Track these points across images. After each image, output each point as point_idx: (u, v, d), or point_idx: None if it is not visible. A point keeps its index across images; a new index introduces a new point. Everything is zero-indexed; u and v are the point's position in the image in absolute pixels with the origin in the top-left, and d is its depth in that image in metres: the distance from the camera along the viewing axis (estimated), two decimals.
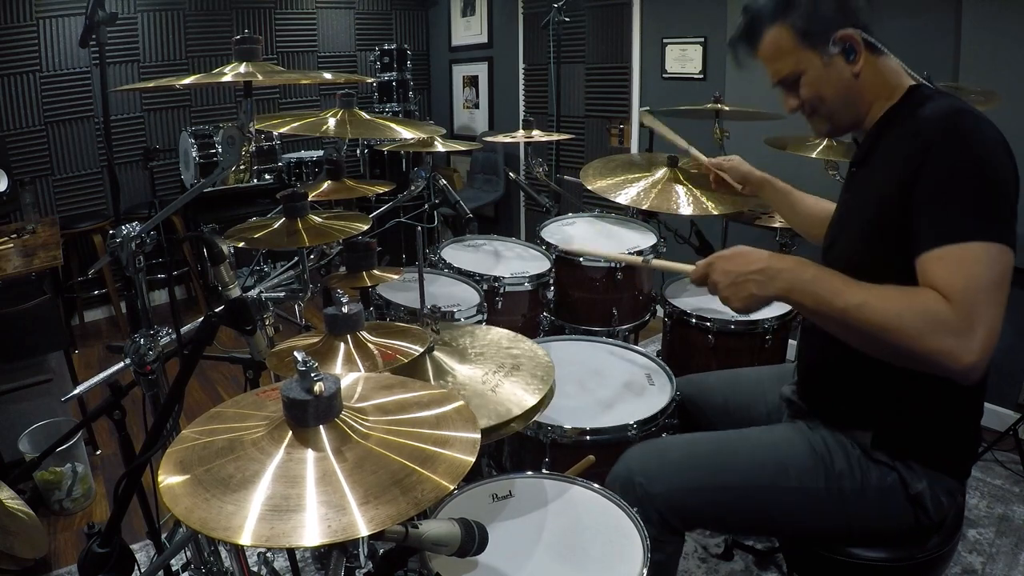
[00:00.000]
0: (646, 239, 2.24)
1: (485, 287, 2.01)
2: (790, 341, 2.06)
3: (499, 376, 1.26)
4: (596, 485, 1.20)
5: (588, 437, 1.37)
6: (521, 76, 4.78)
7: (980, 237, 0.95)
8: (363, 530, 0.65)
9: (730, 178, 1.77)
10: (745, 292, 1.08)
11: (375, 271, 1.50)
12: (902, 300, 0.96)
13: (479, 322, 1.89)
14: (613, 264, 2.08)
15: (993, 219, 0.96)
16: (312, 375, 0.75)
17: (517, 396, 1.19)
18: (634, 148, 3.99)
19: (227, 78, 1.17)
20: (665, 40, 3.72)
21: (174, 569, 1.50)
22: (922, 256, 0.98)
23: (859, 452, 1.18)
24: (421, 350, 1.17)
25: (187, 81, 1.19)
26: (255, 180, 4.21)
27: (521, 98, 4.81)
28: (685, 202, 2.05)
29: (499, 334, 1.46)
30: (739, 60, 1.24)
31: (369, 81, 4.76)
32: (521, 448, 1.47)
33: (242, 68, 1.20)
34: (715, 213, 2.04)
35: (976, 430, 1.20)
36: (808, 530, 1.22)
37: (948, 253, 0.96)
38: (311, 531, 0.65)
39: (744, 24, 1.21)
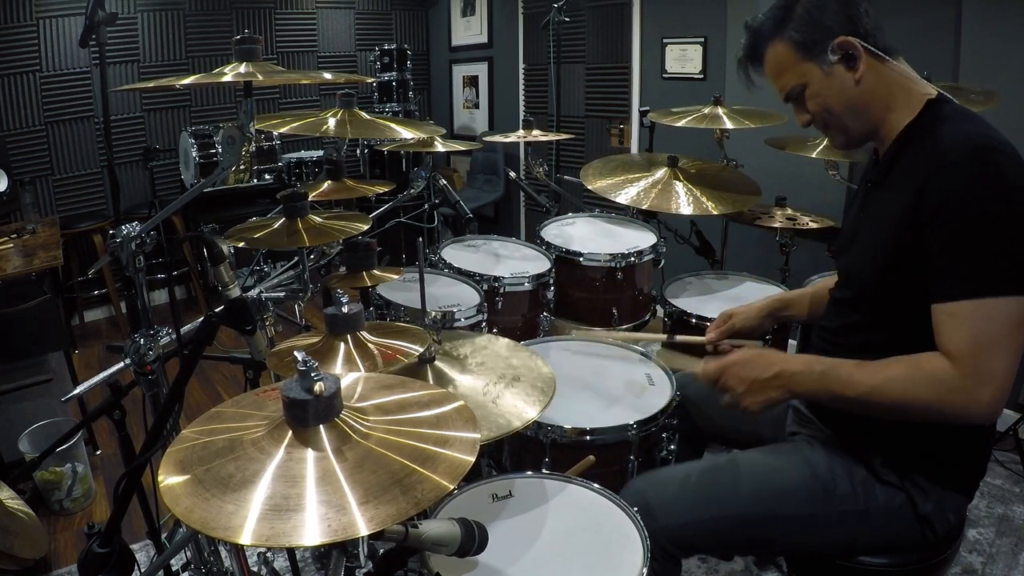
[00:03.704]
0: (646, 239, 2.24)
1: (485, 287, 2.01)
2: (790, 341, 2.06)
3: (500, 387, 1.26)
4: (596, 485, 1.20)
5: (588, 437, 1.37)
6: (521, 76, 4.77)
7: (993, 292, 0.97)
8: (363, 530, 0.65)
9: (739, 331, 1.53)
10: (763, 397, 1.14)
11: (375, 271, 1.50)
12: (907, 374, 1.02)
13: (479, 322, 1.89)
14: (614, 264, 2.08)
15: (1009, 272, 0.97)
16: (312, 375, 0.75)
17: (518, 408, 1.19)
18: (634, 148, 3.98)
19: (227, 78, 1.17)
20: (665, 40, 3.72)
21: (174, 569, 1.50)
22: (936, 307, 1.01)
23: (864, 473, 1.17)
24: (421, 350, 1.17)
25: (187, 81, 1.20)
26: (255, 180, 4.20)
27: (521, 98, 4.80)
28: (685, 202, 2.06)
29: (499, 344, 1.47)
30: (749, 80, 1.23)
31: (369, 81, 4.76)
32: (521, 448, 1.47)
33: (242, 68, 1.20)
34: (715, 213, 2.05)
35: (987, 447, 1.19)
36: (810, 550, 1.21)
37: (960, 309, 0.98)
38: (311, 531, 0.65)
39: (746, 43, 1.20)
